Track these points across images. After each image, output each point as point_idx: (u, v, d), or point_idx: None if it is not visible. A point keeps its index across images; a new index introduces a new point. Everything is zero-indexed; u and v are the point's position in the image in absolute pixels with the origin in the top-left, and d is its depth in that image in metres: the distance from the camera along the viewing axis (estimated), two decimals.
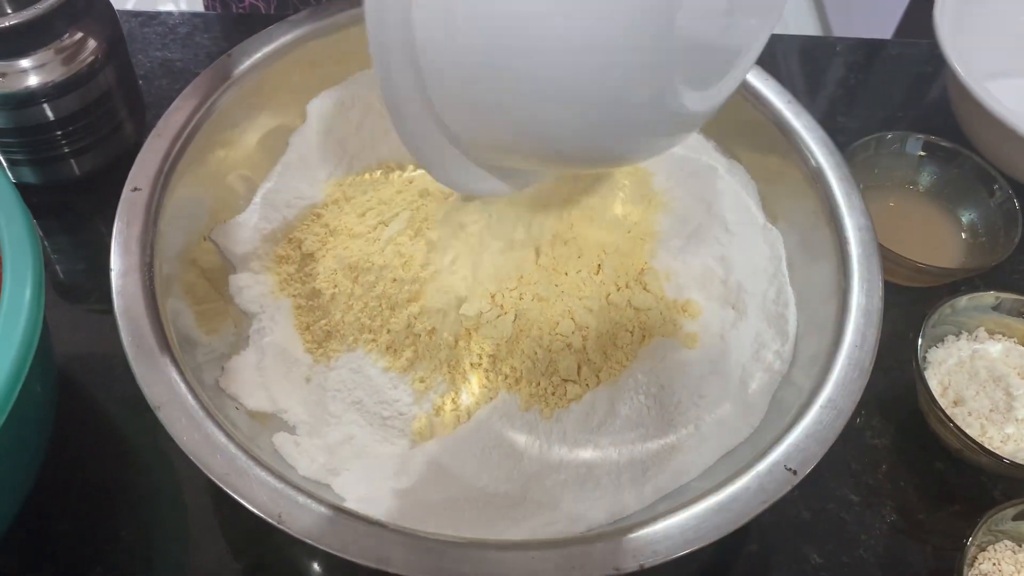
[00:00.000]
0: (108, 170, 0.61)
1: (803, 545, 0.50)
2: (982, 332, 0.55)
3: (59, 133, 0.57)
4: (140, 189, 0.47)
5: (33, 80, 0.54)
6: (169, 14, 0.71)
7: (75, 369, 0.54)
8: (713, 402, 0.48)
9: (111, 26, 0.57)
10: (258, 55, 0.54)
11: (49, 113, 0.55)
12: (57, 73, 0.54)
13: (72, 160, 0.59)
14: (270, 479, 0.39)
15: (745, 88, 0.55)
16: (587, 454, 0.46)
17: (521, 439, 0.46)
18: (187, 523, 0.50)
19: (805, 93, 0.74)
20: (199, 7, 0.73)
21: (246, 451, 0.39)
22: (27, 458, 0.44)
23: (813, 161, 0.53)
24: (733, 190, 0.56)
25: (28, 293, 0.38)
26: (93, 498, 0.49)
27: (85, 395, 0.53)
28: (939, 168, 0.61)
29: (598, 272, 0.50)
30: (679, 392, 0.47)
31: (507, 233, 0.50)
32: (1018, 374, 0.52)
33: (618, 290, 0.50)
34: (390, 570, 0.36)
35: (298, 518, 0.37)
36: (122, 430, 0.53)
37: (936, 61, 0.76)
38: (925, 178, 0.62)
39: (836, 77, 0.77)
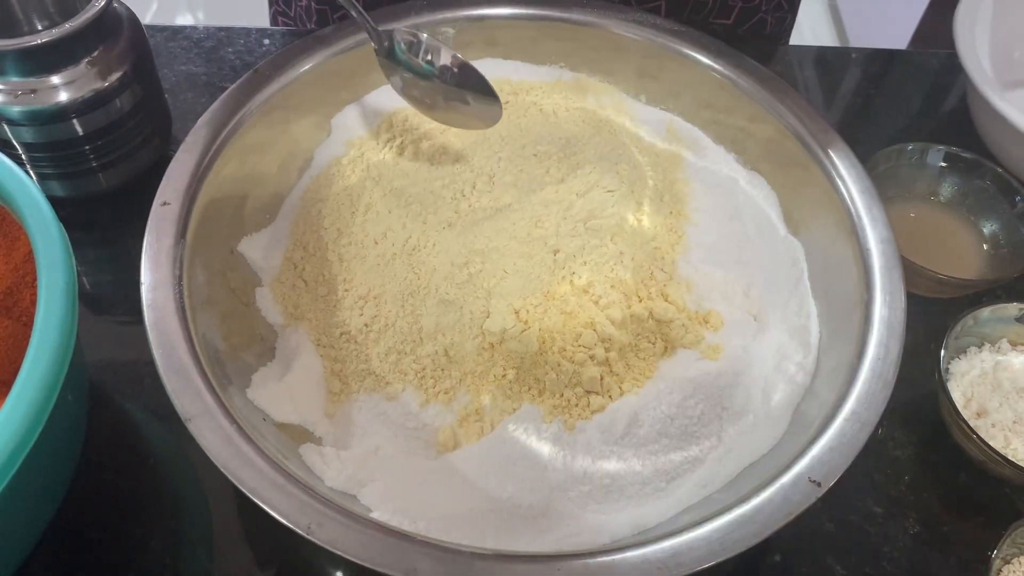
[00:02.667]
0: (135, 183, 0.62)
1: (826, 556, 0.50)
2: (1005, 344, 0.55)
3: (87, 147, 0.58)
4: (169, 203, 0.48)
5: (63, 96, 0.54)
6: (194, 28, 0.72)
7: (103, 379, 0.55)
8: (736, 414, 0.48)
9: (139, 42, 0.58)
10: (285, 70, 0.55)
11: (78, 128, 0.56)
12: (86, 89, 0.55)
13: (100, 174, 0.60)
14: (299, 491, 0.39)
15: (768, 101, 0.55)
16: (610, 465, 0.46)
17: (544, 450, 0.46)
18: (213, 532, 0.50)
19: (823, 103, 0.74)
20: (218, 21, 0.74)
21: (275, 463, 0.40)
22: (61, 467, 0.45)
23: (834, 172, 0.53)
24: (754, 202, 0.57)
25: (62, 304, 0.39)
26: (123, 507, 0.50)
27: (113, 404, 0.54)
28: (960, 179, 0.61)
29: (620, 284, 0.50)
30: (701, 404, 0.48)
31: (530, 250, 0.51)
32: None
33: (640, 301, 0.50)
34: None
35: (327, 529, 0.38)
36: (150, 439, 0.54)
37: (953, 70, 0.76)
38: (946, 189, 0.62)
39: (854, 87, 0.77)
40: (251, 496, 0.38)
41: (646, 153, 0.58)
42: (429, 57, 0.54)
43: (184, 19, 1.72)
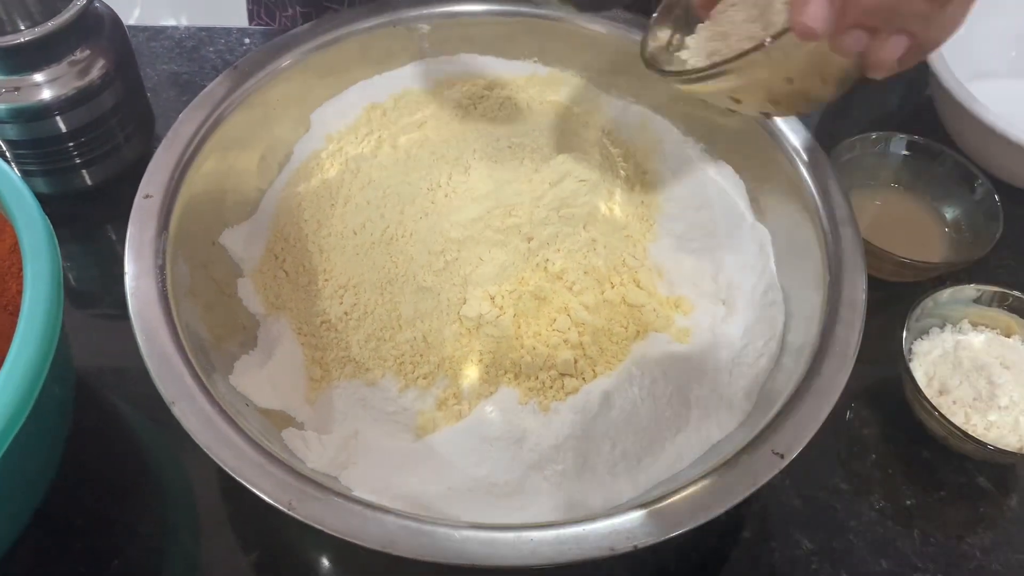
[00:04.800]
0: (118, 180, 0.63)
1: (795, 532, 0.52)
2: (965, 324, 0.56)
3: (71, 144, 0.59)
4: (152, 196, 0.49)
5: (46, 94, 0.56)
6: (175, 28, 0.73)
7: (89, 371, 0.56)
8: (704, 394, 0.49)
9: (121, 41, 0.59)
10: (264, 67, 0.56)
11: (61, 125, 0.57)
12: (69, 87, 0.56)
13: (83, 170, 0.61)
14: (279, 470, 0.40)
15: None
16: (583, 445, 0.48)
17: (520, 431, 0.48)
18: (199, 518, 0.51)
19: None
20: (200, 22, 0.75)
21: (256, 444, 0.41)
22: (47, 454, 0.46)
23: (799, 162, 0.55)
24: (722, 190, 0.58)
25: (47, 291, 0.40)
26: (110, 495, 0.51)
27: (99, 396, 0.55)
28: (922, 167, 0.63)
29: (593, 271, 0.52)
30: (672, 385, 0.49)
31: (504, 238, 0.52)
32: (1000, 364, 0.54)
33: (613, 287, 0.52)
34: (396, 553, 0.38)
35: (307, 505, 0.39)
36: (136, 429, 0.55)
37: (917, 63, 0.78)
38: (909, 176, 0.64)
39: None
40: (233, 475, 0.39)
41: (618, 144, 0.59)
42: None
43: (166, 21, 1.73)
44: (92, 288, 0.61)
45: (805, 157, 0.55)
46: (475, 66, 0.62)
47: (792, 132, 0.55)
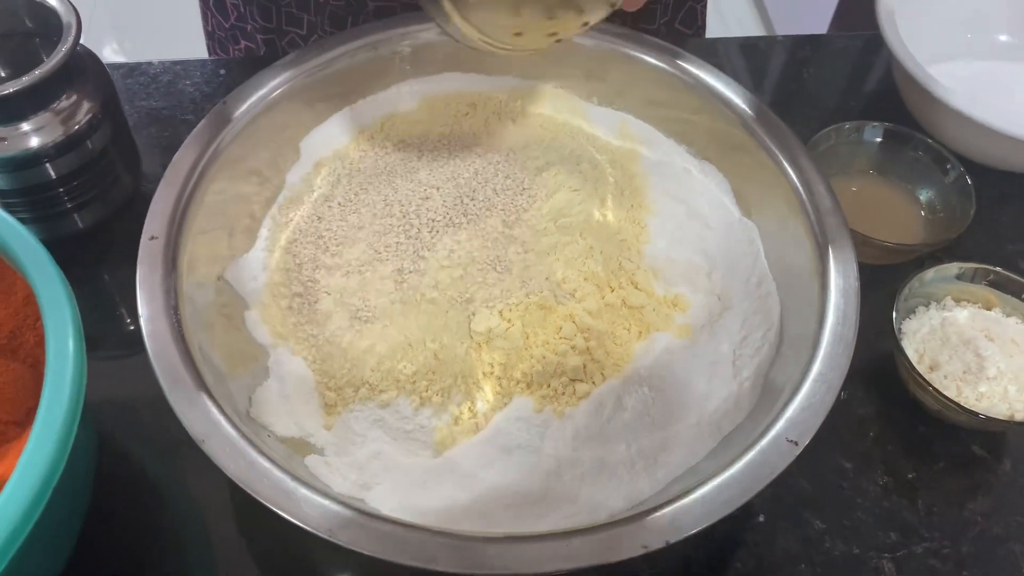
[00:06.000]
0: (109, 221, 0.63)
1: (805, 512, 0.54)
2: (949, 300, 0.59)
3: (61, 190, 0.59)
4: (157, 237, 0.49)
5: (34, 142, 0.56)
6: (150, 64, 0.73)
7: (99, 416, 0.56)
8: (711, 387, 0.51)
9: (105, 84, 0.59)
10: (251, 100, 0.56)
11: (51, 172, 0.57)
12: (57, 133, 0.56)
13: (75, 215, 0.61)
14: (315, 497, 0.41)
15: (711, 93, 0.59)
16: (600, 447, 0.49)
17: (538, 439, 0.49)
18: (216, 559, 0.52)
19: (758, 91, 0.78)
20: (186, 55, 0.75)
21: (289, 473, 0.42)
22: (77, 504, 0.46)
23: (779, 155, 0.56)
24: (708, 189, 0.60)
25: (71, 345, 0.40)
26: (134, 541, 0.51)
27: (112, 439, 0.55)
28: (895, 152, 0.66)
29: (593, 276, 0.53)
30: (679, 380, 0.51)
31: (506, 252, 0.53)
32: (985, 336, 0.57)
33: (612, 291, 0.54)
34: (438, 568, 0.39)
35: (347, 530, 0.40)
36: (151, 471, 0.55)
37: (877, 50, 0.81)
38: (883, 163, 0.66)
39: (785, 73, 0.81)
40: (271, 507, 0.40)
41: (604, 152, 0.61)
42: None
43: (146, 56, 1.72)
44: (94, 332, 0.61)
45: (785, 151, 0.56)
46: (459, 84, 0.63)
47: (769, 127, 0.57)
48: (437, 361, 0.51)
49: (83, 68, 0.58)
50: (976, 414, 0.53)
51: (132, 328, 0.61)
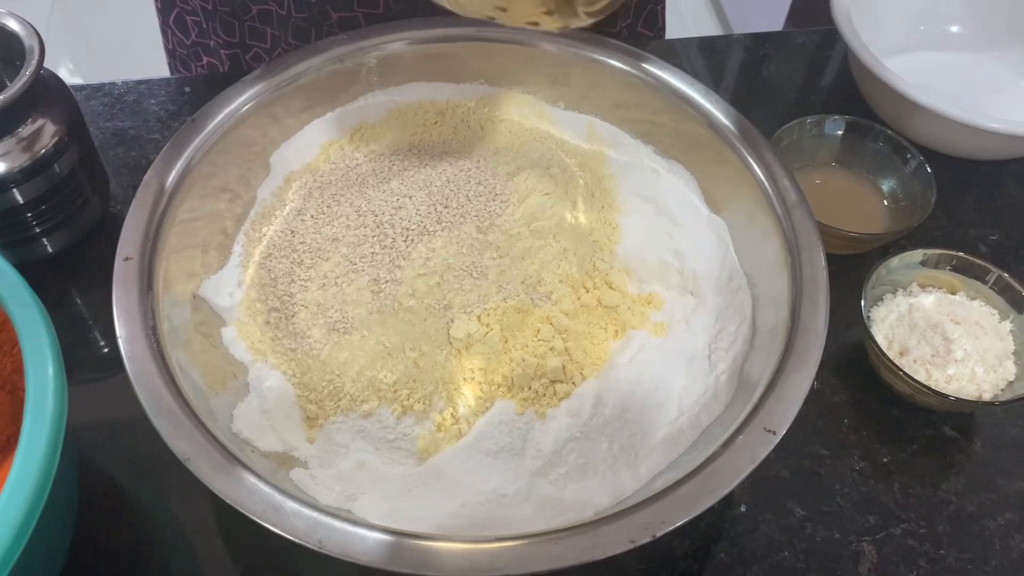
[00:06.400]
0: (79, 244, 0.63)
1: (786, 501, 0.55)
2: (915, 287, 0.60)
3: (29, 215, 0.58)
4: (131, 258, 0.49)
5: (0, 168, 0.55)
6: (113, 84, 0.73)
7: (80, 440, 0.56)
8: (690, 382, 0.52)
9: (70, 107, 0.59)
10: (219, 116, 0.56)
11: (18, 197, 0.57)
12: (23, 159, 0.56)
13: (44, 239, 0.61)
14: (304, 509, 0.41)
15: (674, 93, 0.60)
16: (583, 446, 0.50)
17: (521, 441, 0.50)
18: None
19: (720, 90, 0.80)
20: (145, 74, 0.75)
21: (276, 487, 0.42)
22: (63, 530, 0.46)
23: (744, 151, 0.58)
24: (676, 188, 0.61)
25: (51, 371, 0.40)
26: (120, 564, 0.51)
27: (93, 464, 0.55)
28: (856, 144, 0.67)
29: (568, 278, 0.54)
30: (657, 377, 0.52)
31: (482, 258, 0.54)
32: (951, 320, 0.58)
33: (588, 292, 0.54)
34: (433, 573, 0.39)
35: (335, 540, 0.40)
36: (134, 492, 0.55)
37: (833, 45, 0.83)
38: (845, 155, 0.68)
39: (747, 71, 0.82)
40: (260, 521, 0.40)
41: (572, 155, 0.62)
42: None
43: (110, 77, 1.71)
44: (69, 356, 0.60)
45: (749, 147, 0.58)
46: (426, 93, 0.64)
47: (733, 124, 0.58)
48: (417, 369, 0.51)
49: (47, 91, 0.58)
50: (946, 396, 0.54)
51: (107, 350, 0.60)
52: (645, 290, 0.56)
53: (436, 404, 0.51)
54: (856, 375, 0.60)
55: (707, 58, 0.83)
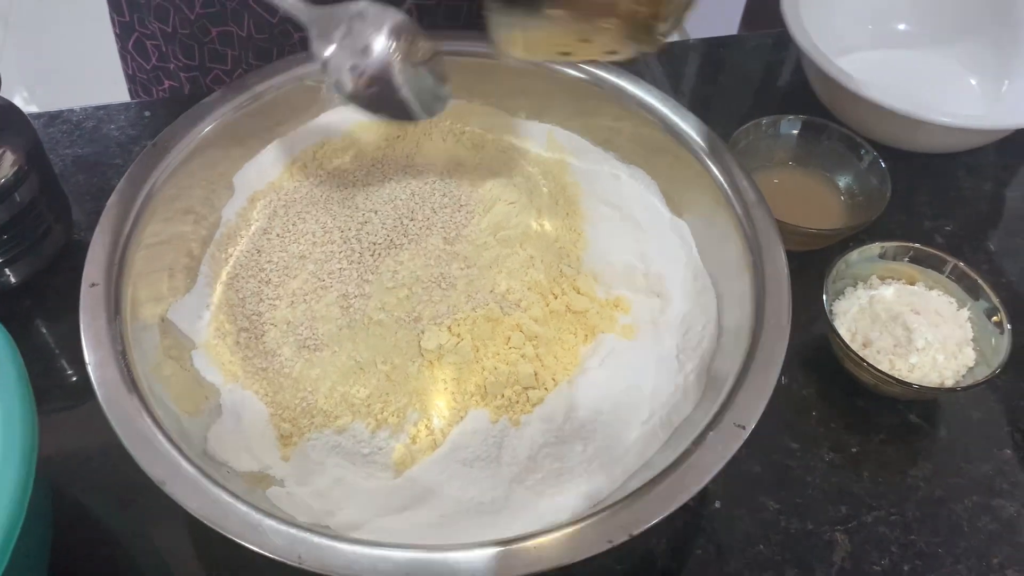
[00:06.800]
0: (43, 273, 0.62)
1: (759, 495, 0.55)
2: (875, 279, 0.62)
3: None
4: (97, 284, 0.49)
5: None
6: (71, 111, 0.73)
7: (52, 470, 0.55)
8: (660, 383, 0.53)
9: (28, 136, 0.58)
10: (181, 139, 0.56)
11: None
12: None
13: (7, 269, 0.60)
14: (280, 526, 0.41)
15: (632, 100, 0.61)
16: (558, 451, 0.50)
17: (496, 449, 0.50)
18: None
19: (677, 94, 0.81)
20: (103, 99, 0.75)
21: (254, 506, 0.42)
22: (37, 564, 0.45)
23: (702, 154, 0.59)
24: (638, 192, 0.62)
25: (20, 402, 0.40)
26: None
27: (66, 494, 0.55)
28: (812, 143, 0.69)
29: (536, 286, 0.55)
30: (627, 380, 0.52)
31: (450, 269, 0.54)
32: (911, 310, 0.59)
33: (556, 298, 0.55)
34: None
35: (315, 555, 0.40)
36: (109, 521, 0.54)
37: (786, 47, 0.85)
38: (801, 153, 0.69)
39: (703, 75, 0.84)
40: (238, 540, 0.40)
41: (535, 164, 0.62)
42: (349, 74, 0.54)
43: (67, 104, 1.69)
44: (36, 385, 0.59)
45: (707, 150, 0.59)
46: None
47: (692, 129, 0.59)
48: (390, 382, 0.52)
49: (4, 120, 0.58)
50: (910, 384, 0.55)
51: (76, 379, 0.60)
52: (612, 294, 0.57)
53: (410, 416, 0.51)
54: (822, 368, 0.61)
55: (664, 64, 0.84)
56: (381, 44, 0.53)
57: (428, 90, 0.54)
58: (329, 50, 0.53)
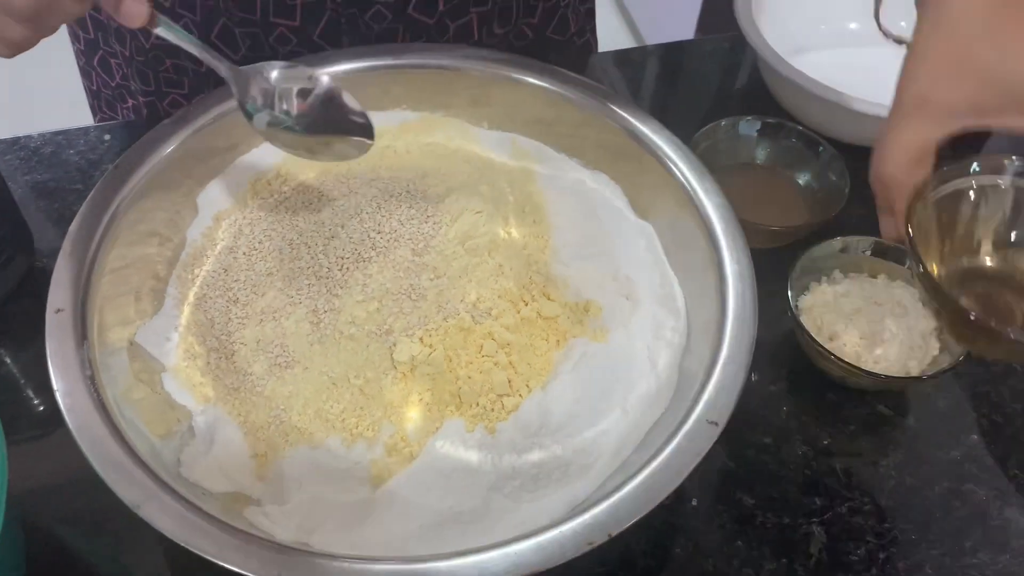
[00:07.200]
0: (5, 302, 0.61)
1: (736, 491, 0.56)
2: (837, 273, 0.63)
3: None
4: (63, 309, 0.48)
5: None
6: (29, 137, 0.72)
7: (22, 503, 0.54)
8: (632, 384, 0.53)
9: None
10: (142, 161, 0.56)
11: None
12: None
13: None
14: (259, 547, 0.41)
15: (594, 106, 0.61)
16: (534, 456, 0.50)
17: (473, 457, 0.50)
18: None
19: (637, 99, 0.82)
20: (58, 124, 0.74)
21: (230, 526, 0.42)
22: None
23: (664, 157, 0.59)
24: (602, 197, 0.63)
25: None
26: None
27: (38, 527, 0.54)
28: (771, 142, 0.70)
29: (506, 293, 0.55)
30: (601, 382, 0.53)
31: (419, 280, 0.55)
32: (874, 302, 0.61)
33: (527, 305, 0.55)
34: None
35: (295, 573, 0.40)
36: (83, 551, 0.54)
37: (742, 49, 0.86)
38: (761, 153, 0.70)
39: (662, 80, 0.85)
40: (217, 561, 0.40)
41: (500, 172, 0.63)
42: (285, 106, 0.55)
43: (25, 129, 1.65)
44: (3, 416, 0.59)
45: (670, 153, 0.59)
46: None
47: (653, 133, 0.60)
48: (363, 396, 0.52)
49: None
50: (877, 375, 0.56)
51: (43, 408, 0.59)
52: (582, 298, 0.58)
53: (385, 429, 0.51)
54: (791, 363, 0.62)
55: (623, 70, 0.85)
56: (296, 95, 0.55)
57: (345, 133, 0.55)
58: (249, 103, 0.54)
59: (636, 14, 2.07)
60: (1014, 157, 0.47)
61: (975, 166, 0.48)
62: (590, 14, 0.84)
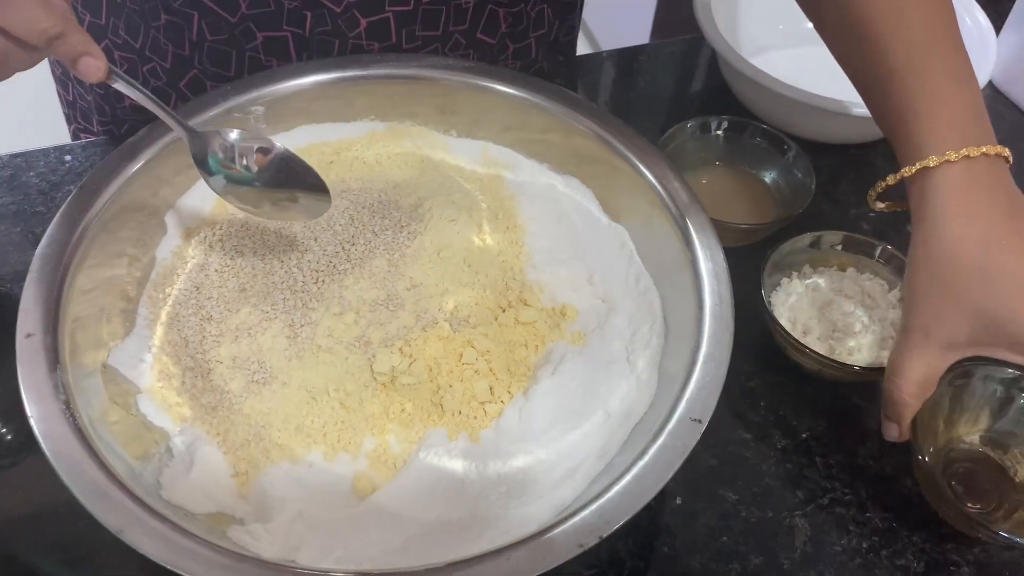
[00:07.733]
0: None
1: (718, 488, 0.56)
2: (807, 268, 0.64)
3: None
4: (33, 334, 0.47)
5: None
6: None
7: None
8: (613, 386, 0.53)
9: None
10: (110, 180, 0.55)
11: None
12: None
13: None
14: (246, 565, 0.41)
15: (559, 111, 0.62)
16: (519, 462, 0.50)
17: (458, 466, 0.50)
18: None
19: (600, 105, 0.82)
20: (21, 146, 0.72)
21: (215, 546, 0.41)
22: None
23: (634, 159, 0.60)
24: (575, 201, 0.63)
25: None
26: None
27: (15, 560, 0.52)
28: (736, 141, 0.71)
29: (483, 300, 0.55)
30: (582, 385, 0.53)
31: (395, 291, 0.54)
32: (845, 296, 0.61)
33: (504, 312, 0.55)
34: None
35: None
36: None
37: (700, 51, 0.87)
38: (727, 152, 0.71)
39: (623, 84, 0.85)
40: None
41: (471, 180, 0.63)
42: (245, 162, 0.55)
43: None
44: None
45: (638, 155, 0.60)
46: (317, 135, 0.63)
47: (619, 135, 0.60)
48: (344, 409, 0.51)
49: None
50: (851, 367, 0.57)
51: (11, 436, 0.58)
52: (559, 302, 0.58)
53: (368, 441, 0.51)
54: (767, 359, 0.62)
55: (583, 76, 0.85)
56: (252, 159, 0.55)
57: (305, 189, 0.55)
58: (210, 155, 0.54)
59: (591, 20, 2.09)
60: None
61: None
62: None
